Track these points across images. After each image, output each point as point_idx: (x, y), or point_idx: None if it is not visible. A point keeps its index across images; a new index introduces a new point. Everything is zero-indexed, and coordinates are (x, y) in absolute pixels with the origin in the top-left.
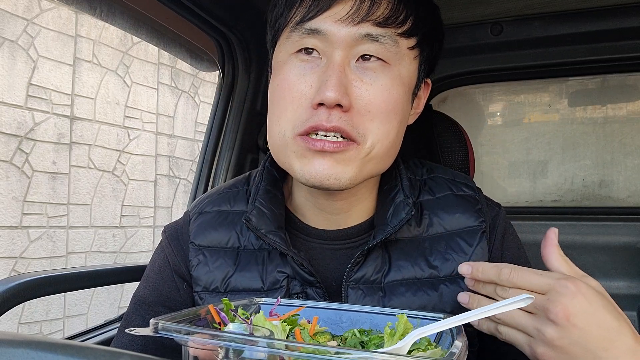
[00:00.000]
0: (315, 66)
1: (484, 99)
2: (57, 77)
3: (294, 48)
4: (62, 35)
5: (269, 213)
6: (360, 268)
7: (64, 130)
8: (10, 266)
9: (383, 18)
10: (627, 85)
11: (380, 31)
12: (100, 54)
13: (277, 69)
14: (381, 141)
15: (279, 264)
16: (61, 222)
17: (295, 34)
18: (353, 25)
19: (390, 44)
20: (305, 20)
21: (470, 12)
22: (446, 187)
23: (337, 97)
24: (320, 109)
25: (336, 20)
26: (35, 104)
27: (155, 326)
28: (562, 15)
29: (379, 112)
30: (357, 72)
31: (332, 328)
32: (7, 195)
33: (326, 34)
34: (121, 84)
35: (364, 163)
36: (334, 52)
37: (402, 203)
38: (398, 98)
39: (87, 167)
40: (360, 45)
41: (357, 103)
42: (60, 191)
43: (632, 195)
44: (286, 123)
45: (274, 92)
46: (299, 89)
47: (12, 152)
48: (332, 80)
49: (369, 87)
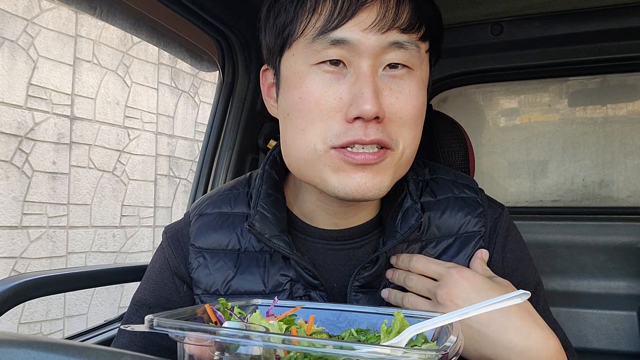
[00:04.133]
0: (342, 77)
1: (484, 99)
2: (57, 77)
3: (317, 59)
4: (62, 35)
5: (271, 217)
6: (367, 273)
7: (64, 130)
8: (10, 266)
9: (408, 24)
10: (627, 85)
11: (405, 38)
12: (100, 54)
13: (295, 80)
14: (410, 145)
15: (282, 267)
16: (61, 222)
17: (317, 44)
18: (381, 33)
19: (414, 50)
20: (329, 30)
21: (471, 12)
22: (447, 189)
23: (375, 110)
24: (356, 122)
25: (363, 29)
26: (35, 104)
27: (150, 322)
28: (562, 15)
29: (409, 118)
30: (385, 81)
31: (329, 328)
32: (7, 195)
33: (353, 44)
34: (121, 84)
35: (397, 168)
36: (361, 61)
37: (410, 209)
38: (423, 102)
39: (87, 167)
40: (387, 53)
41: (389, 111)
42: (60, 191)
43: (632, 195)
44: (315, 136)
45: (295, 105)
46: (328, 102)
47: (12, 152)
48: (368, 94)
49: (399, 94)
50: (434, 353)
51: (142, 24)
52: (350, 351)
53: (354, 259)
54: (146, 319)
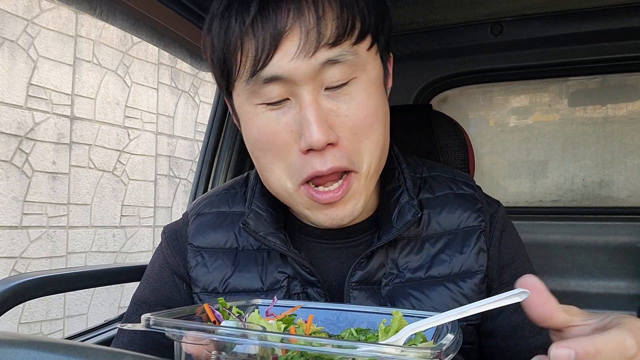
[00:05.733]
0: (287, 109)
1: (484, 99)
2: (57, 77)
3: (257, 100)
4: (62, 35)
5: (266, 215)
6: (363, 268)
7: (64, 130)
8: (10, 266)
9: (335, 37)
10: (627, 85)
11: (337, 52)
12: (100, 54)
13: (247, 120)
14: (374, 155)
15: (280, 265)
16: (61, 222)
17: (252, 84)
18: (309, 57)
19: (352, 58)
20: (259, 69)
21: (471, 12)
22: (446, 186)
23: (324, 138)
24: (310, 154)
25: (290, 59)
26: (35, 104)
27: (147, 321)
28: (562, 15)
29: (366, 130)
30: (330, 101)
31: (329, 328)
32: (7, 195)
33: (285, 77)
34: (121, 84)
35: (367, 184)
36: (300, 90)
37: (407, 204)
38: (377, 104)
39: (87, 167)
40: (323, 73)
41: (342, 130)
42: (60, 191)
43: (632, 195)
44: (282, 174)
45: (254, 143)
46: (282, 138)
47: (12, 152)
48: (314, 123)
49: (347, 110)
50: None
51: (142, 24)
52: (347, 349)
53: (352, 256)
54: (143, 318)
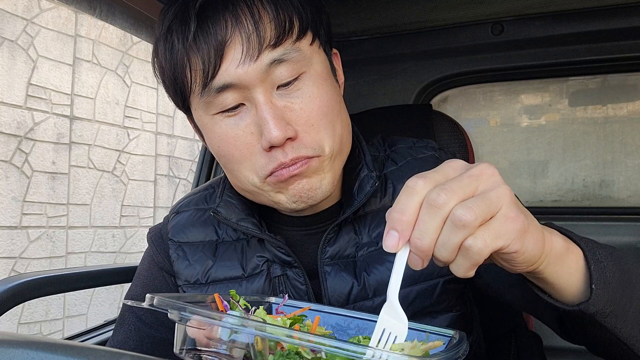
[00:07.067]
0: (244, 113)
1: (484, 99)
2: (57, 77)
3: (213, 110)
4: (62, 35)
5: (237, 203)
6: (333, 244)
7: (63, 130)
8: (10, 266)
9: (275, 38)
10: (627, 85)
11: (280, 51)
12: (100, 53)
13: (207, 131)
14: (334, 140)
15: (258, 250)
16: (61, 222)
17: (206, 96)
18: (254, 61)
19: (295, 56)
20: (209, 81)
21: (471, 12)
22: (407, 154)
23: (282, 134)
24: (273, 150)
25: (236, 65)
26: (34, 103)
27: (151, 300)
28: (562, 15)
29: (322, 120)
30: (283, 98)
31: (338, 334)
32: (7, 195)
33: (236, 83)
34: (121, 83)
35: (332, 164)
36: (252, 93)
37: (366, 177)
38: (328, 95)
39: (87, 167)
40: (271, 73)
41: (299, 124)
42: (60, 191)
43: (633, 195)
44: (248, 172)
45: (218, 150)
46: (243, 141)
47: (12, 152)
48: (271, 121)
49: (301, 104)
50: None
51: (142, 24)
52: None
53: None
54: (147, 297)
